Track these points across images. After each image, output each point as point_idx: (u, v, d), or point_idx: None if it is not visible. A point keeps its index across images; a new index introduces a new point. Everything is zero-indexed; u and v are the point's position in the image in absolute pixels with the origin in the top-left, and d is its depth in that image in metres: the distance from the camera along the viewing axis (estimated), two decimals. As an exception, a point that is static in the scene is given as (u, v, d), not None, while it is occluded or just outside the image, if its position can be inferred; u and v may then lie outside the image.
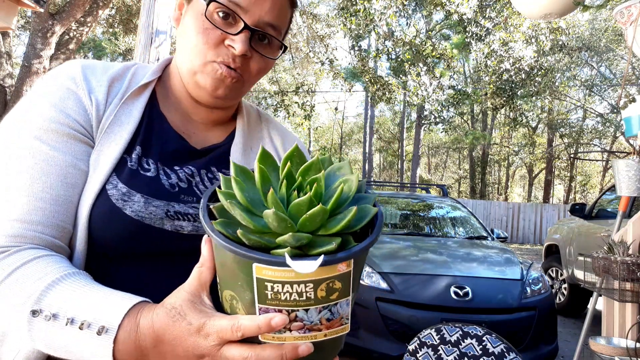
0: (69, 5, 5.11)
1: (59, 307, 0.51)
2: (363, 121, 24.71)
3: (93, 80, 0.67)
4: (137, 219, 0.63)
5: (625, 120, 2.53)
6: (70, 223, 0.61)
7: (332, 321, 0.46)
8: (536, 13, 2.42)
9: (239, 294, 0.46)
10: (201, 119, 0.75)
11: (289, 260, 0.41)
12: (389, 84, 9.09)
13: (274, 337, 0.45)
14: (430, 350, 1.58)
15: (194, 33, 0.67)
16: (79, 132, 0.63)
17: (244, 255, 0.43)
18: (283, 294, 0.43)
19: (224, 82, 0.68)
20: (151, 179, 0.66)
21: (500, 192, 26.66)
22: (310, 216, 0.43)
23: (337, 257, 0.43)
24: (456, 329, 1.60)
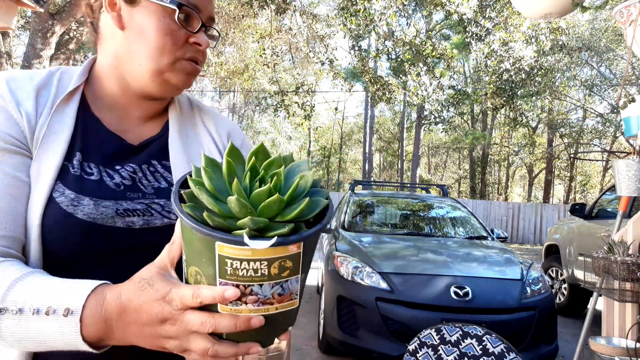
0: (69, 5, 5.11)
1: (23, 301, 0.54)
2: (363, 121, 24.72)
3: (19, 92, 0.67)
4: (89, 221, 0.65)
5: (625, 121, 2.53)
6: (21, 233, 0.63)
7: (283, 296, 0.51)
8: (536, 13, 2.42)
9: (203, 269, 0.51)
10: (141, 113, 0.77)
11: (247, 239, 0.47)
12: (389, 84, 9.09)
13: (231, 309, 0.50)
14: (430, 350, 1.58)
15: (158, 35, 0.69)
16: (14, 145, 0.64)
17: (208, 234, 0.48)
18: (241, 270, 0.49)
19: (193, 75, 0.74)
20: (96, 182, 0.69)
21: (500, 192, 26.66)
22: (268, 204, 0.49)
23: (289, 239, 0.49)
24: (456, 329, 1.60)
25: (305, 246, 0.51)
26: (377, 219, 5.28)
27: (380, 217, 5.34)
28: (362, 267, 3.50)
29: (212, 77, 13.55)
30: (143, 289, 0.52)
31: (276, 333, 0.56)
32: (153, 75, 0.71)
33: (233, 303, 0.50)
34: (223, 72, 10.81)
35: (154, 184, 0.74)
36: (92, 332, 0.53)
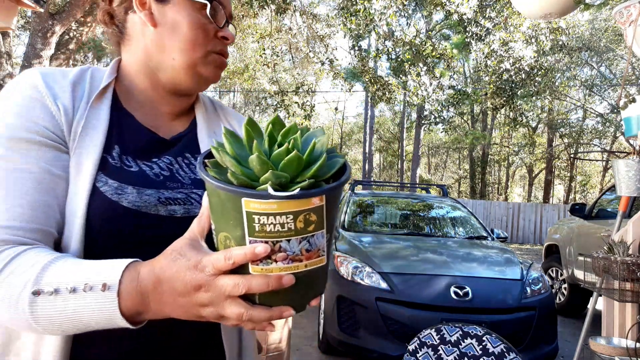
0: (69, 5, 5.11)
1: (58, 282, 0.55)
2: (363, 121, 24.72)
3: (56, 87, 0.69)
4: (134, 209, 0.67)
5: (625, 121, 2.53)
6: (52, 226, 0.63)
7: (311, 252, 0.53)
8: (536, 13, 2.42)
9: (231, 232, 0.53)
10: (170, 109, 0.80)
11: (271, 190, 0.49)
12: (389, 84, 9.09)
13: (262, 269, 0.52)
14: (430, 350, 1.58)
15: (191, 29, 0.73)
16: (49, 138, 0.65)
17: (234, 192, 0.50)
18: (268, 225, 0.50)
19: (221, 69, 0.79)
20: (136, 172, 0.71)
21: (500, 192, 26.66)
22: (288, 160, 0.51)
23: (311, 191, 0.51)
24: (456, 329, 1.60)
25: (328, 202, 0.52)
26: (377, 219, 5.28)
27: (380, 217, 5.35)
28: (362, 267, 3.50)
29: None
30: (175, 260, 0.53)
31: (307, 297, 0.58)
32: (186, 68, 0.75)
33: (264, 262, 0.52)
34: (223, 72, 10.83)
35: (190, 175, 0.77)
36: (129, 306, 0.55)
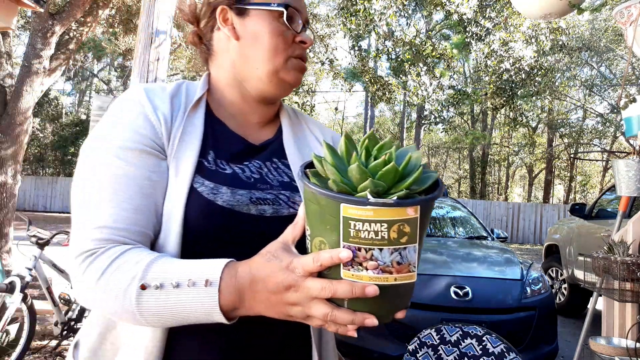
0: (69, 5, 5.11)
1: (163, 278, 0.60)
2: (363, 121, 24.71)
3: (156, 99, 0.76)
4: (228, 208, 0.72)
5: (626, 120, 2.53)
6: (150, 229, 0.69)
7: (402, 266, 0.54)
8: (536, 13, 2.42)
9: (326, 237, 0.56)
10: (258, 118, 0.86)
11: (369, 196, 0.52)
12: (389, 84, 9.09)
13: (353, 274, 0.54)
14: (430, 350, 1.58)
15: (271, 37, 0.78)
16: (150, 146, 0.72)
17: (334, 197, 0.53)
18: (362, 231, 0.52)
19: (302, 72, 0.82)
20: (230, 174, 0.76)
21: (500, 192, 26.65)
22: (386, 171, 0.54)
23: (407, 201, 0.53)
24: (456, 329, 1.60)
25: (421, 214, 0.54)
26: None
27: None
28: (362, 267, 3.50)
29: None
30: (269, 261, 0.58)
31: (393, 309, 0.59)
32: (270, 75, 0.79)
33: (355, 268, 0.54)
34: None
35: (278, 177, 0.81)
36: (227, 301, 0.59)
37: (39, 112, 18.95)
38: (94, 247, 0.63)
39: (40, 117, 19.46)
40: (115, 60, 23.16)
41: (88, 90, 27.33)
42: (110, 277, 0.61)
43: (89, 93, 27.28)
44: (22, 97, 4.99)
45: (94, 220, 0.65)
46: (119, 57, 21.22)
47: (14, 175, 5.03)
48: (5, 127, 4.93)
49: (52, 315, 3.69)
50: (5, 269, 4.68)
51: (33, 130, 17.49)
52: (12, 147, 4.98)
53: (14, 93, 5.01)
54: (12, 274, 3.56)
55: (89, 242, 0.64)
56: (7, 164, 4.95)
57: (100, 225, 0.65)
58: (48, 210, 17.41)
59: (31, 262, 2.96)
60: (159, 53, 2.77)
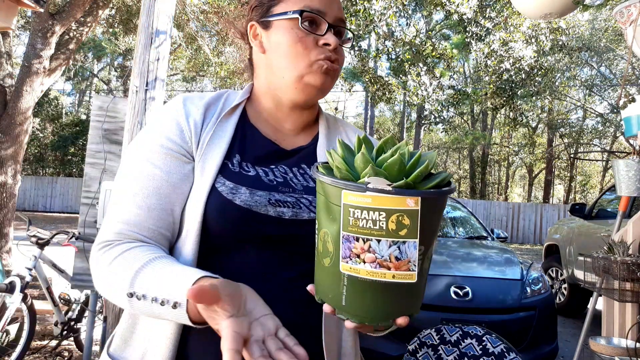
0: (69, 5, 5.10)
1: (146, 289, 0.65)
2: (363, 121, 24.70)
3: (191, 107, 0.81)
4: (245, 207, 0.74)
5: (625, 120, 2.53)
6: (162, 227, 0.74)
7: (400, 261, 0.52)
8: (536, 13, 2.42)
9: (329, 227, 0.56)
10: (293, 125, 0.87)
11: (367, 179, 0.52)
12: (389, 84, 9.08)
13: (350, 267, 0.53)
14: (430, 350, 1.58)
15: (291, 45, 0.79)
16: (175, 150, 0.77)
17: (336, 183, 0.54)
18: (361, 220, 0.52)
19: (329, 74, 0.80)
20: (252, 176, 0.79)
21: (500, 192, 26.64)
22: (390, 162, 0.53)
23: (405, 190, 0.51)
24: (456, 329, 1.60)
25: (424, 209, 0.52)
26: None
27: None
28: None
29: (212, 77, 13.54)
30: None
31: (393, 312, 0.57)
32: (295, 82, 0.80)
33: (353, 261, 0.53)
34: (223, 72, 10.81)
35: (303, 182, 0.82)
36: (198, 319, 0.62)
37: (39, 112, 18.94)
38: (110, 239, 0.72)
39: (40, 117, 19.45)
40: (115, 60, 23.16)
41: (88, 90, 27.32)
42: (111, 273, 0.69)
43: (89, 93, 27.27)
44: (22, 97, 4.99)
45: (115, 215, 0.73)
46: (119, 57, 21.22)
47: (14, 175, 5.03)
48: (5, 127, 4.93)
49: (52, 315, 3.69)
50: (5, 269, 4.68)
51: (33, 130, 17.49)
52: (12, 147, 4.98)
53: (14, 93, 5.01)
54: (12, 274, 3.56)
55: (108, 234, 0.72)
56: (7, 164, 4.95)
57: (118, 220, 0.73)
58: (48, 210, 17.40)
59: (31, 262, 2.96)
60: (159, 53, 2.77)
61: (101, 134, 3.10)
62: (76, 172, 19.72)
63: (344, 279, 0.56)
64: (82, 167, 17.94)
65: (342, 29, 0.83)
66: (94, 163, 3.09)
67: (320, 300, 0.61)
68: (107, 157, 3.09)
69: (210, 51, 8.43)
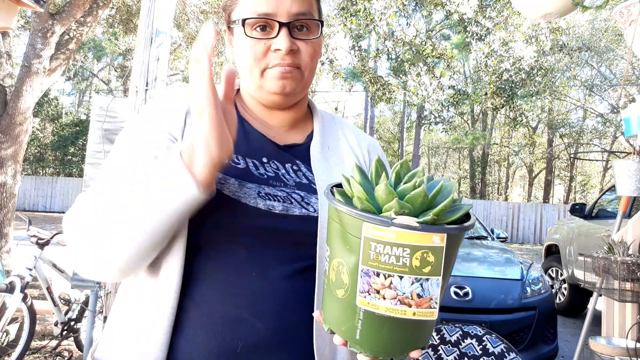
0: (69, 5, 5.10)
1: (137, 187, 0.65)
2: (363, 121, 24.70)
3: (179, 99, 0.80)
4: (234, 198, 0.72)
5: (625, 121, 2.53)
6: None
7: (422, 299, 0.50)
8: (536, 13, 2.42)
9: (345, 258, 0.53)
10: (279, 122, 0.85)
11: (393, 215, 0.50)
12: (389, 84, 9.08)
13: (369, 303, 0.51)
14: (430, 350, 1.58)
15: (244, 53, 0.77)
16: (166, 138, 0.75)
17: (357, 214, 0.51)
18: (383, 255, 0.50)
19: (286, 78, 0.76)
20: (242, 168, 0.77)
21: (500, 192, 26.65)
22: (414, 194, 0.51)
23: (433, 227, 0.49)
24: (456, 329, 1.60)
25: (448, 245, 0.50)
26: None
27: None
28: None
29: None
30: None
31: (408, 347, 0.55)
32: (257, 90, 0.79)
33: (372, 296, 0.51)
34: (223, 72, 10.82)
35: (296, 179, 0.80)
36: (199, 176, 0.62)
37: (39, 112, 18.94)
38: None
39: (40, 117, 19.45)
40: (115, 60, 23.15)
41: (88, 90, 27.32)
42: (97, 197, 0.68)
43: (89, 93, 27.27)
44: (22, 97, 4.99)
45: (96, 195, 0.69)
46: (119, 57, 21.21)
47: (14, 175, 5.03)
48: (5, 127, 4.93)
49: (52, 315, 3.69)
50: (5, 269, 4.68)
51: (33, 130, 17.48)
52: (12, 147, 4.98)
53: (14, 93, 5.01)
54: (12, 274, 3.56)
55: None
56: (7, 164, 4.95)
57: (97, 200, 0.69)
58: (48, 210, 17.41)
59: (31, 262, 2.96)
60: (159, 53, 2.77)
61: (101, 134, 3.10)
62: (76, 172, 19.72)
63: (359, 313, 0.53)
64: (82, 167, 17.94)
65: (303, 21, 0.76)
66: (94, 163, 3.10)
67: (330, 330, 0.59)
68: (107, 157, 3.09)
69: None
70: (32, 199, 17.39)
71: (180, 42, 11.22)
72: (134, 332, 0.71)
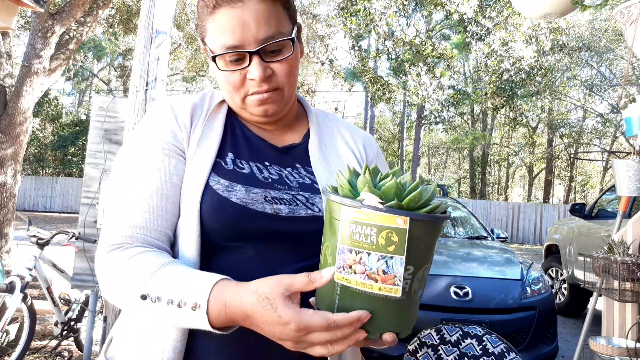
0: (69, 5, 5.10)
1: (161, 291, 0.64)
2: (363, 121, 24.70)
3: (177, 109, 0.81)
4: (242, 204, 0.74)
5: (626, 121, 2.52)
6: (167, 227, 0.74)
7: (387, 275, 0.57)
8: (536, 13, 2.41)
9: (330, 240, 0.60)
10: (273, 127, 0.87)
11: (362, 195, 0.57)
12: (389, 84, 9.08)
13: (343, 277, 0.58)
14: (430, 350, 1.58)
15: (222, 82, 0.79)
16: (170, 150, 0.77)
17: (337, 199, 0.59)
18: (355, 233, 0.57)
19: (266, 102, 0.78)
20: (247, 174, 0.78)
21: (500, 192, 26.65)
22: (389, 185, 0.58)
23: (396, 210, 0.56)
24: (456, 329, 1.60)
25: (413, 230, 0.56)
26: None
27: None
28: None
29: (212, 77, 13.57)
30: (266, 309, 0.58)
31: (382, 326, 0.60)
32: (238, 110, 0.83)
33: (345, 271, 0.58)
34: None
35: (299, 180, 0.82)
36: (217, 322, 0.62)
37: (39, 112, 18.94)
38: (118, 242, 0.71)
39: (40, 117, 19.46)
40: (115, 60, 23.15)
41: (88, 90, 27.33)
42: (122, 276, 0.67)
43: (89, 93, 27.28)
44: (22, 97, 4.99)
45: (119, 218, 0.72)
46: (119, 57, 21.21)
47: (14, 175, 5.03)
48: (5, 127, 4.93)
49: (52, 315, 3.69)
50: (5, 269, 4.68)
51: (33, 130, 17.49)
52: (12, 147, 4.98)
53: (14, 93, 5.01)
54: (12, 274, 3.56)
55: (115, 237, 0.71)
56: (7, 164, 4.95)
57: (123, 222, 0.72)
58: (48, 210, 17.41)
59: (31, 262, 2.96)
60: (159, 53, 2.77)
61: (101, 134, 3.10)
62: (76, 172, 19.72)
63: (337, 288, 0.59)
64: (82, 167, 17.94)
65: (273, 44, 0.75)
66: (94, 163, 3.10)
67: (318, 308, 0.64)
68: (107, 157, 3.09)
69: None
70: (32, 199, 17.39)
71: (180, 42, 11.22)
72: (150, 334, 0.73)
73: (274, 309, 0.57)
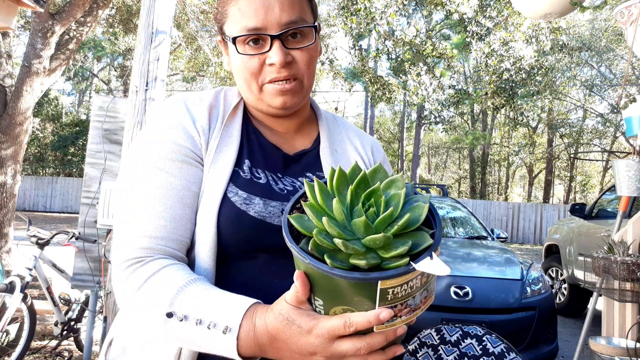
0: (69, 5, 5.10)
1: (188, 310, 0.61)
2: (363, 121, 24.70)
3: (195, 111, 0.77)
4: (259, 219, 0.73)
5: (626, 120, 2.53)
6: (187, 237, 0.71)
7: (427, 297, 0.57)
8: (536, 13, 2.42)
9: (356, 307, 0.54)
10: (284, 128, 0.85)
11: (416, 265, 0.51)
12: (389, 84, 9.08)
13: (386, 325, 0.53)
14: (430, 350, 1.58)
15: (240, 69, 0.76)
16: (189, 156, 0.74)
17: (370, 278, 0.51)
18: (400, 292, 0.52)
19: (285, 92, 0.75)
20: (264, 185, 0.77)
21: (500, 192, 26.65)
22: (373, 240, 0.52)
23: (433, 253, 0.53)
24: (456, 329, 1.60)
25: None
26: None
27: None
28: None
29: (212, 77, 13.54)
30: (285, 325, 0.56)
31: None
32: (255, 102, 0.79)
33: (389, 320, 0.53)
34: (223, 72, 10.82)
35: None
36: (246, 350, 0.59)
37: (39, 112, 18.93)
38: (139, 255, 0.67)
39: (40, 117, 19.44)
40: (115, 60, 23.15)
41: (88, 90, 27.32)
42: (146, 292, 0.64)
43: (89, 93, 27.27)
44: (22, 97, 4.99)
45: (137, 230, 0.68)
46: (119, 57, 21.21)
47: (14, 175, 5.03)
48: (5, 127, 4.93)
49: (52, 315, 3.69)
50: (5, 269, 4.68)
51: (33, 130, 17.49)
52: (12, 147, 4.98)
53: (14, 93, 5.01)
54: (12, 274, 3.56)
55: (134, 250, 0.67)
56: (7, 164, 4.95)
57: (143, 234, 0.68)
58: (48, 210, 17.41)
59: (31, 262, 2.96)
60: (159, 53, 2.77)
61: (101, 134, 3.10)
62: (76, 172, 19.72)
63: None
64: (82, 167, 17.94)
65: (295, 30, 0.74)
66: (94, 163, 3.09)
67: None
68: (107, 157, 3.09)
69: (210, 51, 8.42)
70: (32, 199, 17.39)
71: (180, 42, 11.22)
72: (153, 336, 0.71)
73: (291, 321, 0.56)
